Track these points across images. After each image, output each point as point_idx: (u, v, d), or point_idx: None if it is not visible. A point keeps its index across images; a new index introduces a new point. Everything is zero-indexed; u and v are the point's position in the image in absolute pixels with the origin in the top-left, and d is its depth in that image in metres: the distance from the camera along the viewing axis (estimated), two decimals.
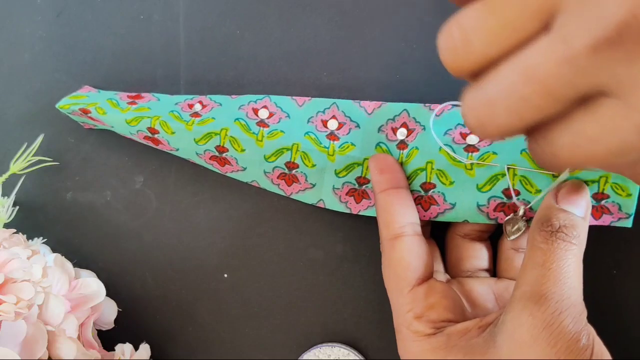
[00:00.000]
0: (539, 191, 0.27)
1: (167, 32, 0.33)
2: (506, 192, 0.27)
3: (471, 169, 0.27)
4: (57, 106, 0.31)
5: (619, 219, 0.27)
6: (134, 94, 0.32)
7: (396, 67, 0.31)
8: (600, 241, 0.30)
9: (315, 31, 0.32)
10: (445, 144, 0.28)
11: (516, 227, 0.27)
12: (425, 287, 0.26)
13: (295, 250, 0.32)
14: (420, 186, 0.28)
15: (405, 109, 0.29)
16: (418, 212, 0.28)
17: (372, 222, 0.30)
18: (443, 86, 0.30)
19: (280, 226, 0.32)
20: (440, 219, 0.28)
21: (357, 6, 0.31)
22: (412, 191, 0.28)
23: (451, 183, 0.28)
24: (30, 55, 0.34)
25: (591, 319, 0.23)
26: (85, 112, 0.31)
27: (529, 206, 0.27)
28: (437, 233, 0.31)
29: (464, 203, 0.28)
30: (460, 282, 0.28)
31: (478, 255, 0.29)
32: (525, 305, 0.22)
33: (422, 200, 0.28)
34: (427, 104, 0.28)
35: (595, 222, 0.27)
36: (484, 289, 0.28)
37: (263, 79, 0.32)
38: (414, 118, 0.29)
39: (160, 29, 0.33)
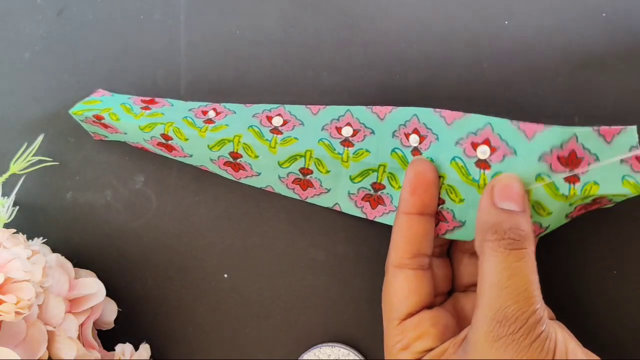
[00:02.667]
0: (550, 214, 0.25)
1: (168, 31, 0.33)
2: None
3: (484, 187, 0.26)
4: (70, 112, 0.32)
5: (605, 204, 0.26)
6: (147, 98, 0.32)
7: (396, 67, 0.31)
8: (601, 241, 0.30)
9: (316, 31, 0.32)
10: (456, 156, 0.26)
11: None
12: (415, 318, 0.26)
13: (295, 250, 0.32)
14: None
15: (415, 114, 0.28)
16: None
17: (372, 222, 0.30)
18: (443, 86, 0.30)
19: (280, 226, 0.32)
20: (449, 236, 0.27)
21: (357, 6, 0.31)
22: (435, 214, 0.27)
23: (461, 200, 0.26)
24: (30, 55, 0.34)
25: (592, 320, 0.23)
26: (98, 118, 0.31)
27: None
28: None
29: (473, 222, 0.26)
30: (456, 298, 0.28)
31: (476, 272, 0.29)
32: (487, 331, 0.22)
33: None
34: (437, 110, 0.27)
35: (583, 212, 0.26)
36: (473, 305, 0.27)
37: (264, 78, 0.32)
38: (424, 124, 0.28)
39: (161, 28, 0.33)
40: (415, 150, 0.28)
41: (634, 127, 0.25)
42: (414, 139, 0.28)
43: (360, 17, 0.31)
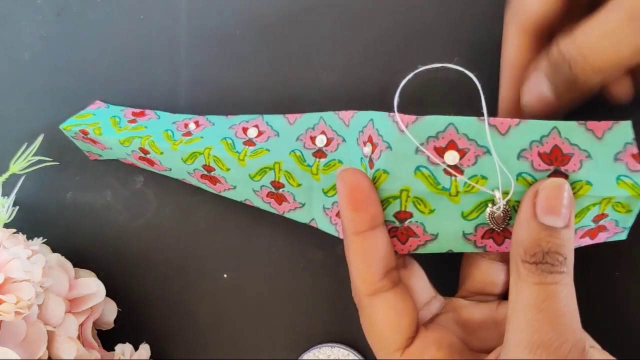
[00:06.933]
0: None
1: (168, 32, 0.33)
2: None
3: (456, 195, 0.23)
4: (60, 127, 0.32)
5: (615, 233, 0.25)
6: (138, 110, 0.32)
7: (396, 67, 0.31)
8: (602, 242, 0.30)
9: (316, 30, 0.32)
10: (420, 166, 0.23)
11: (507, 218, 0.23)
12: (418, 344, 0.23)
13: (295, 250, 0.32)
14: (394, 216, 0.24)
15: (371, 119, 0.24)
16: (395, 245, 0.24)
17: None
18: (443, 86, 0.30)
19: (279, 226, 0.32)
20: (421, 251, 0.24)
21: (357, 5, 0.31)
22: (385, 221, 0.24)
23: (431, 211, 0.23)
24: (30, 55, 0.34)
25: (593, 322, 0.23)
26: (84, 133, 0.31)
27: (506, 199, 0.23)
28: None
29: (447, 233, 0.24)
30: (459, 307, 0.26)
31: (493, 280, 0.27)
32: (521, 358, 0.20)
33: (397, 232, 0.24)
34: (391, 114, 0.23)
35: (590, 242, 0.25)
36: (484, 316, 0.26)
37: (263, 78, 0.32)
38: (377, 130, 0.24)
39: (161, 29, 0.33)
40: (371, 162, 0.24)
41: (629, 122, 0.23)
42: (367, 150, 0.24)
43: (359, 16, 0.31)
